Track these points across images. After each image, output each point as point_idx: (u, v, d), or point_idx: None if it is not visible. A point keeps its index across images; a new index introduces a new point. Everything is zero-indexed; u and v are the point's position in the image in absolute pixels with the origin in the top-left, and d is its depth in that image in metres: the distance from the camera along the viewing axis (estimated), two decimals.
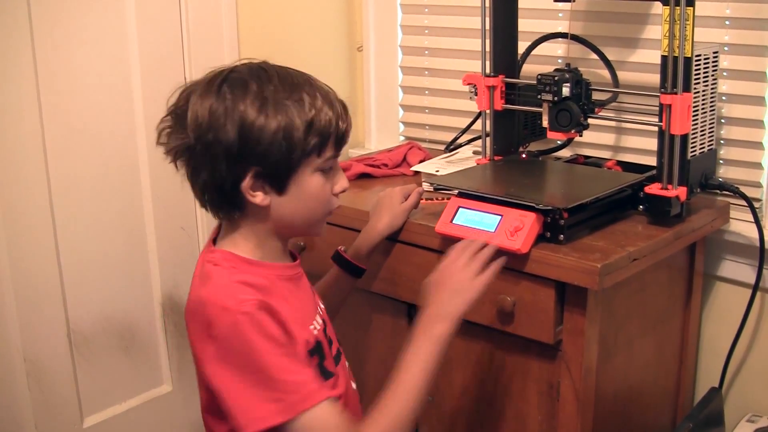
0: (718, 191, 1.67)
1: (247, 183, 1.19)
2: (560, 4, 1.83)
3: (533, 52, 1.83)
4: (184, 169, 1.23)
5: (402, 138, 2.32)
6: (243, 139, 1.17)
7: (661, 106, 1.51)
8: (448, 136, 2.08)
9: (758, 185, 1.70)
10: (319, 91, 1.23)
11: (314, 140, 1.20)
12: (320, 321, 1.32)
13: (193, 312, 1.21)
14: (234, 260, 1.23)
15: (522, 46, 1.81)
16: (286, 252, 1.32)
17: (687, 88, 1.49)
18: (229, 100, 1.17)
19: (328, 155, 1.23)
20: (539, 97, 1.63)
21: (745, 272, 1.73)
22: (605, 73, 1.76)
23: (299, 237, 1.75)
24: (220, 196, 1.21)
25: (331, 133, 1.22)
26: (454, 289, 1.30)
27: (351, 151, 2.30)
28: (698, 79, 1.53)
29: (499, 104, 1.76)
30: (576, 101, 1.61)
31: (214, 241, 1.30)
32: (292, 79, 1.22)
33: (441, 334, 1.26)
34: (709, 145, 1.62)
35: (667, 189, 1.54)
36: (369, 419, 1.21)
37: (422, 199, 1.65)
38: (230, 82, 1.19)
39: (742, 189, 1.65)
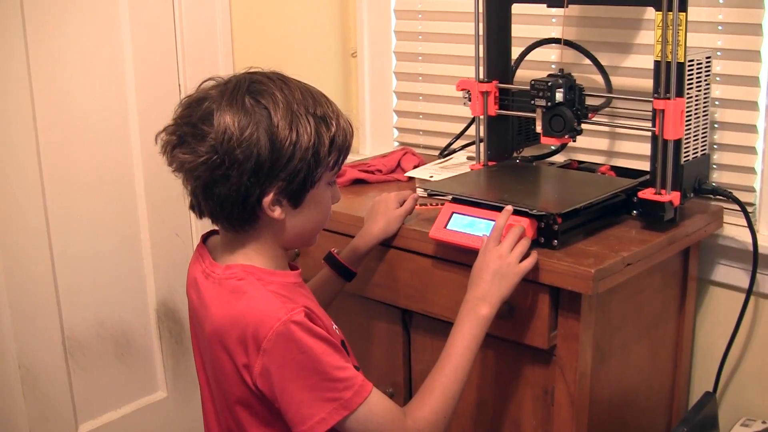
0: (711, 196, 1.67)
1: (269, 198, 1.18)
2: (553, 10, 1.84)
3: (527, 58, 1.83)
4: (189, 181, 1.20)
5: (396, 144, 2.32)
6: (275, 156, 1.16)
7: (654, 111, 1.51)
8: (442, 142, 2.08)
9: (751, 190, 1.70)
10: (333, 104, 1.23)
11: (334, 156, 1.22)
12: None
13: (229, 329, 1.18)
14: (257, 272, 1.22)
15: (515, 52, 1.82)
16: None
17: (680, 93, 1.49)
18: (257, 113, 1.15)
19: (338, 169, 1.25)
20: (533, 102, 1.63)
21: (739, 276, 1.73)
22: (599, 79, 1.76)
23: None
24: (240, 210, 1.19)
25: (346, 148, 1.24)
26: (498, 273, 1.35)
27: None
28: (691, 84, 1.53)
29: (493, 110, 1.76)
30: (569, 106, 1.62)
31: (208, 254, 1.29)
32: (310, 91, 1.21)
33: (484, 316, 1.33)
34: (702, 150, 1.62)
35: (660, 194, 1.54)
36: (416, 400, 1.26)
37: (416, 205, 1.66)
38: (254, 93, 1.17)
39: (736, 193, 1.65)
